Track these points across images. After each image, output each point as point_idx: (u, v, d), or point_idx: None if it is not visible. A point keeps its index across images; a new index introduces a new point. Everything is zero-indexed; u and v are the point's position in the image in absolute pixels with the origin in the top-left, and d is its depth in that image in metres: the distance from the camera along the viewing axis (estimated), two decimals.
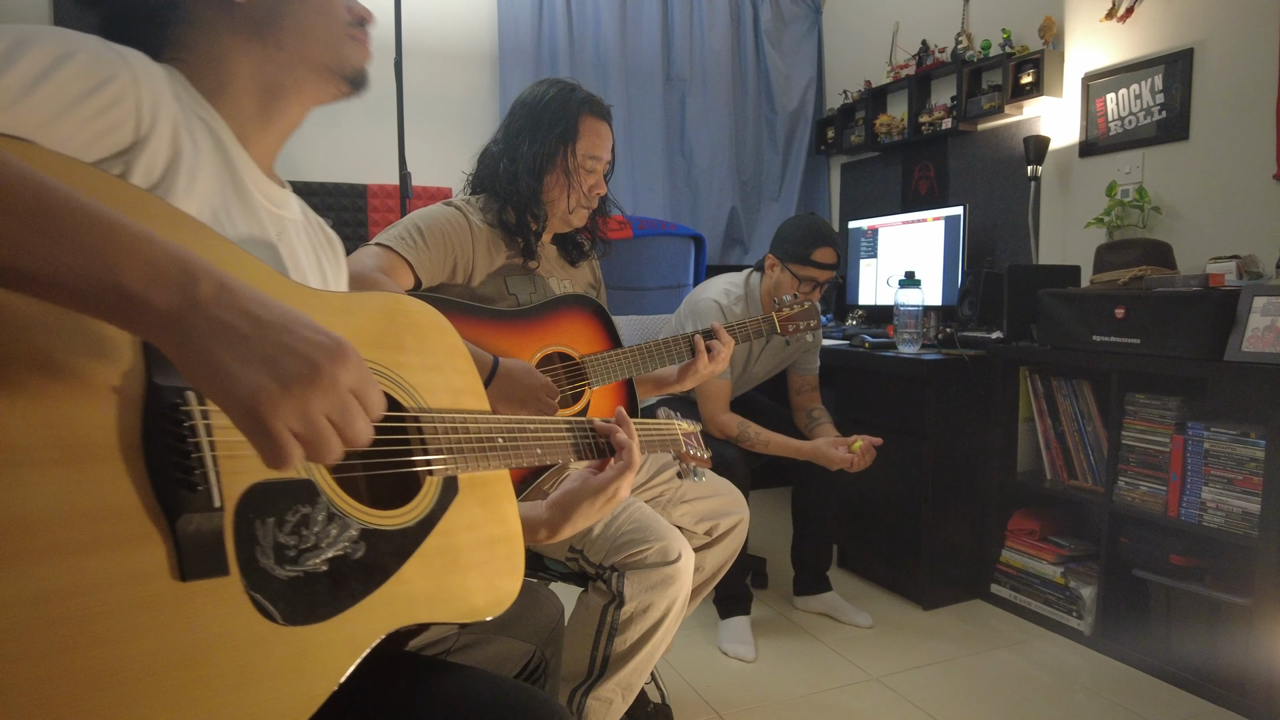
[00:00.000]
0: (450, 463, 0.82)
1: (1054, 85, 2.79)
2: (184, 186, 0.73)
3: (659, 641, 1.43)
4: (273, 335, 0.55)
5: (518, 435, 0.92)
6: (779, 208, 4.04)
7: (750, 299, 2.35)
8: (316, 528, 0.68)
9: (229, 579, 0.60)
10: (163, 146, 0.71)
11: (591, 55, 3.65)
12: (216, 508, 0.60)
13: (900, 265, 3.14)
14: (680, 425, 1.23)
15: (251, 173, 0.85)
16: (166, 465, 0.58)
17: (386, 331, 0.81)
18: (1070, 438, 2.42)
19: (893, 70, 3.60)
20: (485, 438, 0.87)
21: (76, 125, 0.64)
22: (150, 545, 0.56)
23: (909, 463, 2.55)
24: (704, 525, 1.73)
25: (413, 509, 0.78)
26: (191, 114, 0.78)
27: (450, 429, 0.84)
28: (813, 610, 2.51)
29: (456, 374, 0.89)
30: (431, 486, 0.81)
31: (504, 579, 0.85)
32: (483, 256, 1.55)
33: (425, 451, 0.81)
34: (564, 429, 1.00)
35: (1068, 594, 2.34)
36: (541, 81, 1.64)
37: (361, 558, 0.71)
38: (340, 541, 0.69)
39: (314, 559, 0.67)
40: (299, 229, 0.93)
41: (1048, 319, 2.36)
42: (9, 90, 0.60)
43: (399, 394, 0.80)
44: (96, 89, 0.66)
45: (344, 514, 0.71)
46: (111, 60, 0.68)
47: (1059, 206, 2.87)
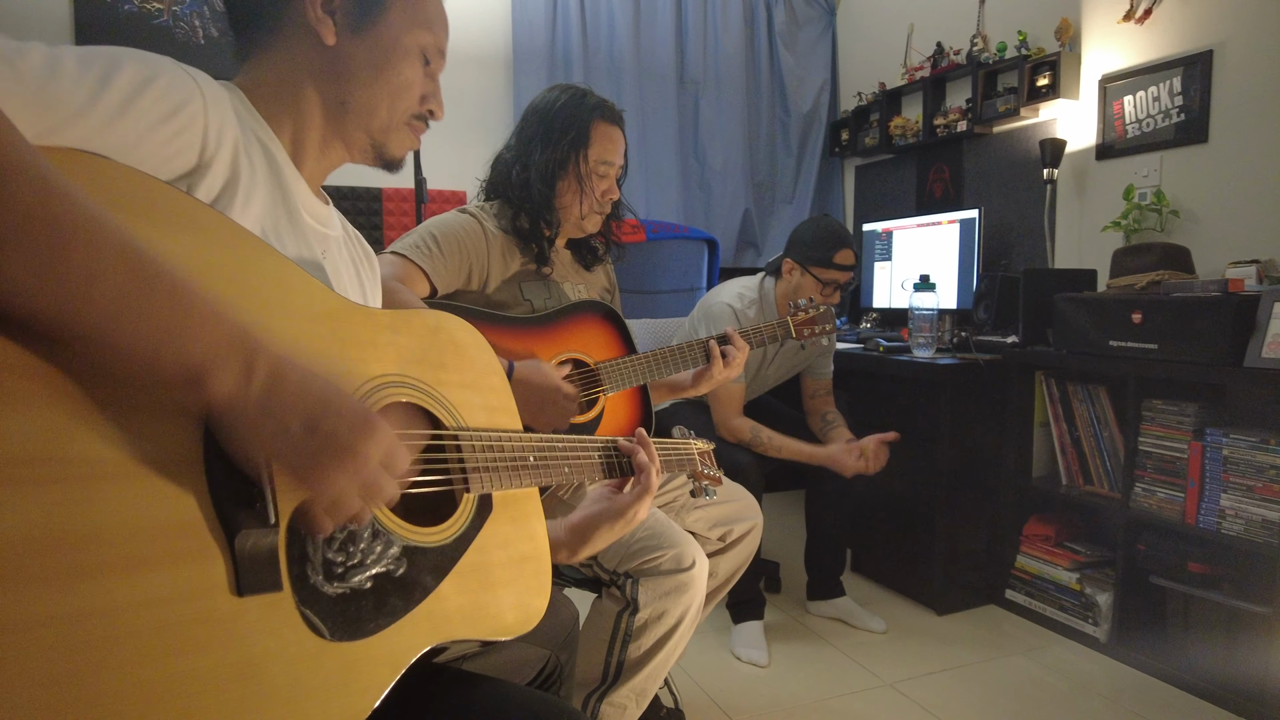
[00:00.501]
0: (487, 481, 0.84)
1: (1070, 87, 2.77)
2: (240, 207, 0.76)
3: (673, 648, 1.43)
4: (316, 425, 0.60)
5: (548, 454, 0.94)
6: (793, 210, 4.03)
7: (765, 303, 2.35)
8: (362, 544, 0.70)
9: (282, 595, 0.61)
10: (223, 169, 0.74)
11: (605, 58, 3.66)
12: (272, 524, 0.61)
13: (915, 268, 3.13)
14: (695, 444, 1.24)
15: (302, 194, 0.87)
16: (226, 482, 0.59)
17: (430, 349, 0.83)
18: (1086, 443, 2.40)
19: (907, 72, 3.59)
20: (519, 456, 0.89)
21: (156, 147, 0.67)
22: (211, 560, 0.57)
23: (923, 467, 2.54)
24: (718, 531, 1.73)
25: (450, 526, 0.80)
26: (250, 134, 0.81)
27: (487, 447, 0.85)
28: (826, 615, 2.51)
29: (492, 392, 0.90)
30: (468, 504, 0.83)
31: (533, 597, 0.86)
32: (497, 263, 1.56)
33: (463, 470, 0.82)
34: (590, 448, 1.02)
35: (1083, 600, 2.33)
36: (553, 87, 1.64)
37: (403, 575, 0.72)
38: (384, 559, 0.71)
39: (360, 575, 0.68)
40: (339, 245, 0.95)
41: (1064, 323, 2.35)
42: (107, 110, 0.62)
43: (440, 412, 0.82)
44: (174, 113, 0.68)
45: (388, 531, 0.73)
46: (186, 84, 0.71)
47: (1075, 210, 2.85)
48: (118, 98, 0.63)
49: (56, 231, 0.49)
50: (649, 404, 1.66)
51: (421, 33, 0.90)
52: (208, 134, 0.72)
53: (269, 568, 0.61)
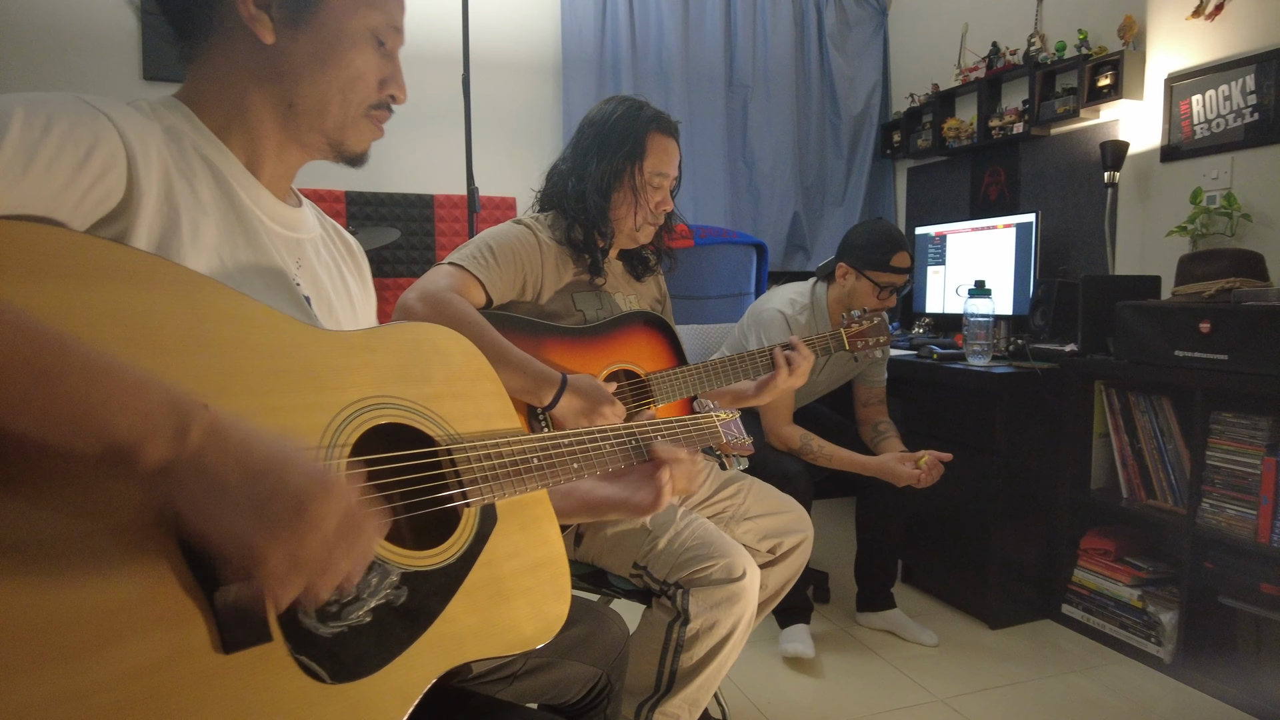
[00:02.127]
0: (487, 491, 0.81)
1: (1134, 87, 2.68)
2: (188, 242, 0.72)
3: (725, 658, 1.42)
4: (260, 483, 0.55)
5: (552, 453, 0.90)
6: (843, 213, 3.98)
7: (817, 309, 2.32)
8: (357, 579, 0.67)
9: (273, 645, 0.59)
10: (158, 204, 0.70)
11: (654, 63, 3.66)
12: None
13: (968, 273, 3.07)
14: (717, 415, 1.20)
15: (264, 203, 0.84)
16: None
17: (411, 364, 0.80)
18: (1149, 456, 2.33)
19: (961, 73, 3.52)
20: (519, 460, 0.86)
21: (75, 199, 0.63)
22: (189, 623, 0.55)
23: (977, 477, 2.48)
24: (767, 543, 1.72)
25: (452, 544, 0.77)
26: (190, 152, 0.77)
27: (484, 455, 0.82)
28: (876, 627, 2.47)
29: (485, 398, 0.87)
30: (470, 518, 0.80)
31: (551, 604, 0.84)
32: (551, 273, 1.57)
33: (460, 483, 0.79)
34: (599, 438, 0.97)
35: (1146, 619, 2.25)
36: (609, 99, 1.65)
37: (405, 603, 0.70)
38: (382, 589, 0.69)
39: (357, 611, 0.66)
40: (317, 245, 0.92)
41: (1126, 332, 2.27)
42: (7, 171, 0.58)
43: (428, 427, 0.79)
44: (88, 156, 0.64)
45: (383, 560, 0.70)
46: (91, 121, 0.66)
47: (1137, 214, 2.76)
48: (16, 151, 0.59)
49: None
50: None
51: (369, 13, 0.82)
52: (133, 169, 0.67)
53: (254, 619, 0.58)
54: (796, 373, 1.67)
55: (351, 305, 0.97)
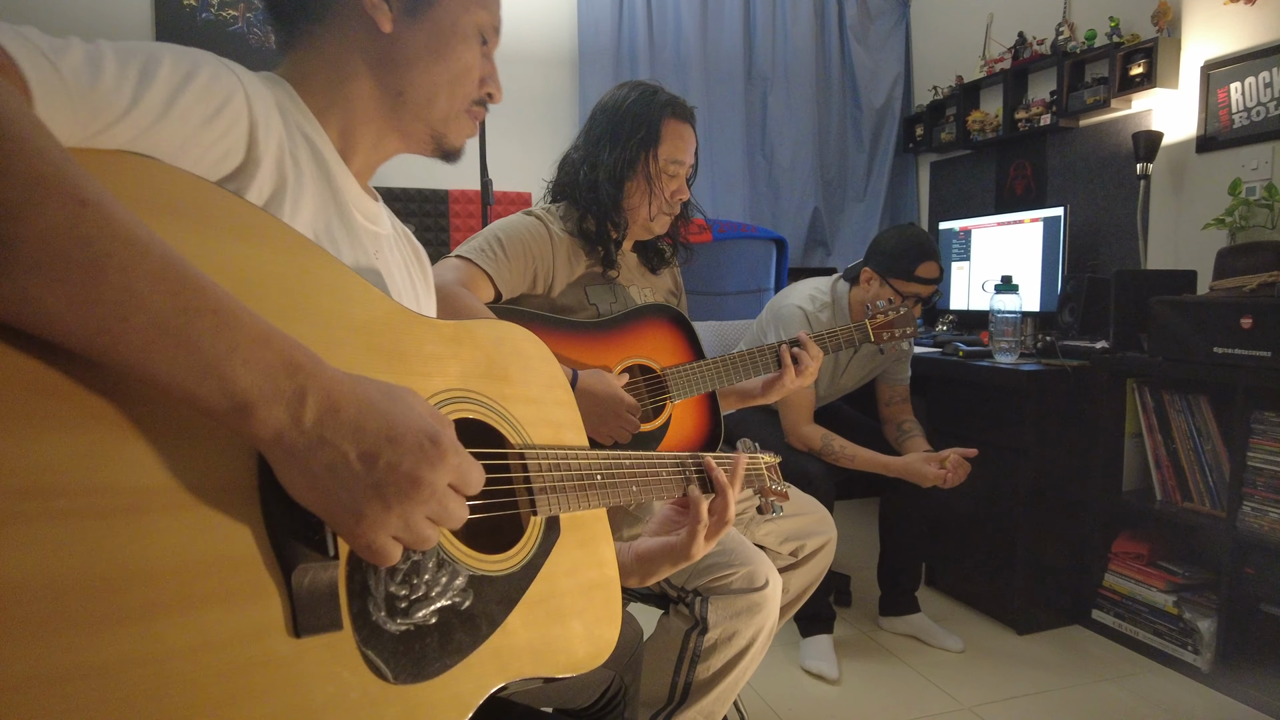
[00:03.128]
0: (554, 502, 0.79)
1: (1168, 76, 2.59)
2: (289, 211, 0.72)
3: (744, 670, 1.36)
4: (374, 462, 0.54)
5: (615, 472, 0.88)
6: (864, 208, 3.91)
7: (838, 306, 2.25)
8: (427, 575, 0.65)
9: (342, 634, 0.57)
10: (270, 169, 0.70)
11: (672, 55, 3.60)
12: (332, 557, 0.56)
13: (994, 269, 2.99)
14: (763, 459, 1.18)
15: (352, 191, 0.83)
16: (282, 511, 0.54)
17: (494, 361, 0.79)
18: (1184, 456, 2.24)
19: (986, 64, 3.44)
20: (585, 475, 0.83)
21: (202, 149, 0.63)
22: (266, 599, 0.53)
23: (1005, 477, 2.41)
24: (789, 546, 1.66)
25: (518, 552, 0.74)
26: (295, 130, 0.77)
27: (554, 465, 0.80)
28: (899, 632, 2.40)
29: (557, 406, 0.85)
30: (535, 528, 0.77)
31: (604, 627, 0.81)
32: (563, 266, 1.52)
33: (530, 491, 0.77)
34: (660, 465, 0.96)
35: (1182, 626, 2.17)
36: (622, 85, 1.59)
37: (469, 608, 0.67)
38: (450, 590, 0.66)
39: (424, 610, 0.63)
40: (390, 244, 0.91)
41: (1160, 328, 2.19)
42: (150, 111, 0.58)
43: (505, 428, 0.77)
44: (219, 111, 0.64)
45: (453, 560, 0.68)
46: (227, 79, 0.66)
47: (1171, 207, 2.67)
48: (160, 97, 0.59)
49: (88, 253, 0.44)
50: (718, 412, 1.60)
51: (479, 10, 0.84)
52: (255, 131, 0.68)
53: (329, 605, 0.56)
54: (804, 373, 1.60)
55: (419, 305, 0.96)
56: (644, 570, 0.96)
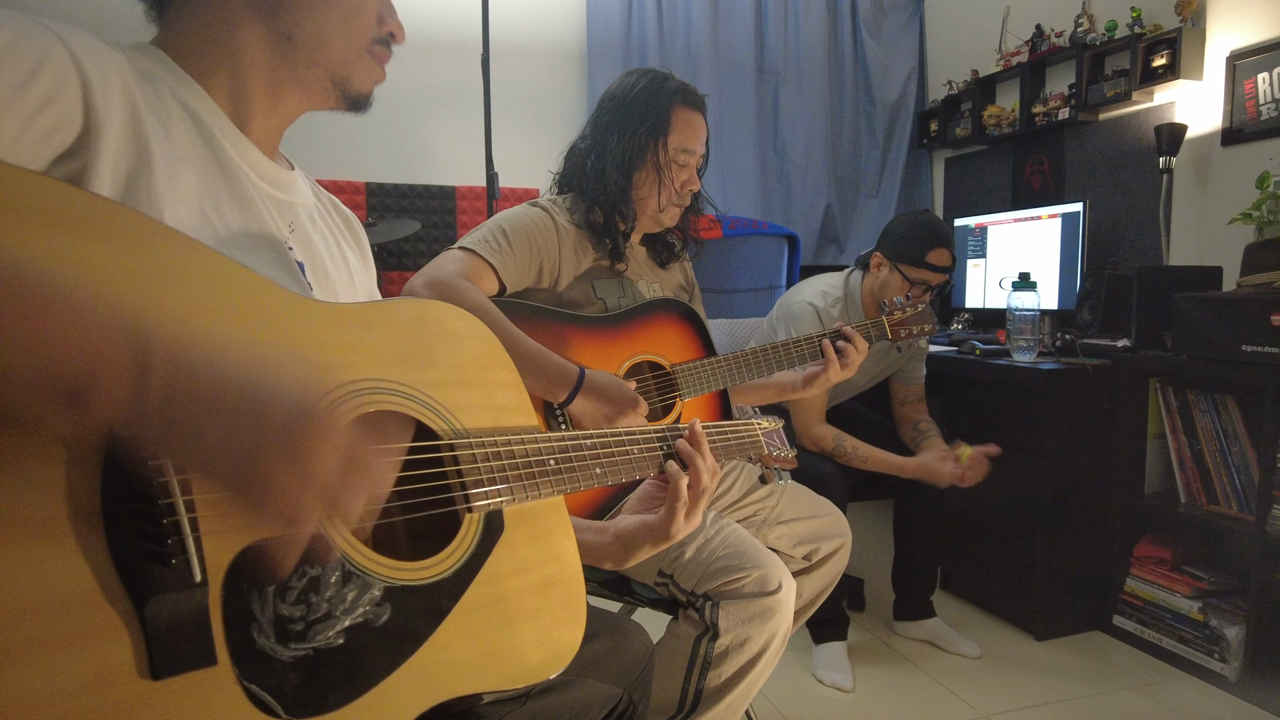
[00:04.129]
0: (494, 495, 0.71)
1: (1193, 67, 2.53)
2: (164, 185, 0.64)
3: (756, 677, 1.31)
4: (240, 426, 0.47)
5: (572, 454, 0.80)
6: (878, 205, 3.85)
7: (850, 301, 2.20)
8: (329, 592, 0.57)
9: (217, 669, 0.50)
10: (122, 141, 0.61)
11: (682, 49, 3.55)
12: (198, 583, 0.49)
13: (1010, 265, 2.93)
14: (760, 424, 1.10)
15: (252, 159, 0.76)
16: (131, 535, 0.47)
17: (413, 346, 0.71)
18: (1210, 458, 2.17)
19: (1003, 58, 3.37)
20: (535, 461, 0.75)
21: (18, 128, 0.54)
22: (113, 638, 0.46)
23: (1023, 479, 2.35)
24: (802, 549, 1.60)
25: (448, 556, 0.67)
26: (167, 97, 0.69)
27: (492, 454, 0.72)
28: (914, 637, 2.34)
29: (498, 388, 0.78)
30: (471, 526, 0.70)
31: (562, 629, 0.74)
32: (569, 259, 1.47)
33: (464, 485, 0.69)
34: (626, 441, 0.87)
35: (1208, 633, 2.10)
36: (631, 72, 1.54)
37: (386, 623, 0.60)
38: (359, 606, 0.59)
39: (327, 631, 0.56)
40: (313, 213, 0.84)
41: (1185, 326, 2.13)
42: None
43: (430, 418, 0.70)
44: (32, 74, 0.55)
45: (363, 571, 0.60)
46: (38, 37, 0.57)
47: (1195, 201, 2.60)
48: None
49: None
50: (729, 411, 1.55)
51: None
52: (89, 94, 0.58)
53: (196, 638, 0.49)
54: (849, 366, 1.55)
55: (351, 278, 0.89)
56: (622, 552, 0.90)
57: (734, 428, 1.06)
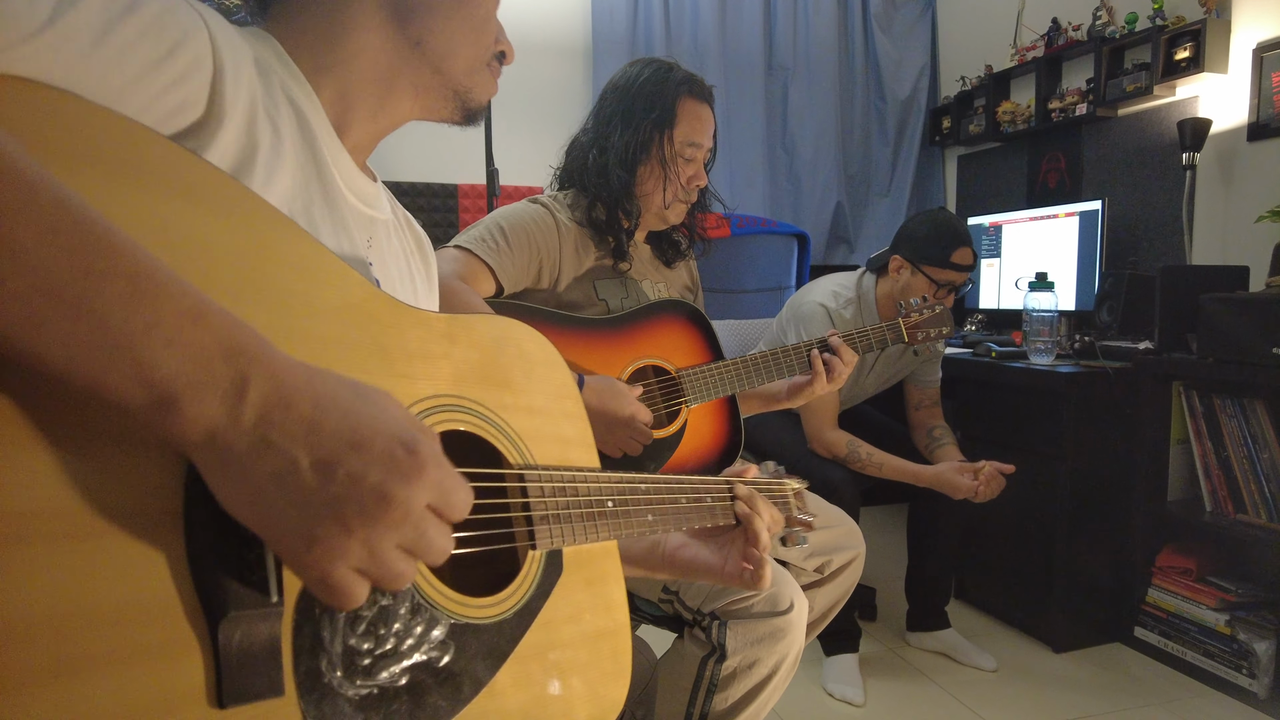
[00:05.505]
0: (557, 534, 0.67)
1: (1217, 60, 2.44)
2: (260, 183, 0.60)
3: (765, 700, 1.24)
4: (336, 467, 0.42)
5: (629, 498, 0.76)
6: (889, 204, 3.78)
7: (864, 303, 2.12)
8: (397, 624, 0.53)
9: (283, 701, 0.45)
10: (237, 131, 0.58)
11: (689, 45, 3.49)
12: (274, 603, 0.45)
13: (1026, 265, 2.85)
14: (789, 485, 1.07)
15: (344, 168, 0.72)
16: (211, 543, 0.43)
17: (494, 364, 0.67)
18: (1238, 464, 2.09)
19: (1018, 53, 3.29)
20: (595, 501, 0.71)
21: (149, 98, 0.51)
22: (185, 657, 0.41)
23: (1041, 486, 2.27)
24: (814, 562, 1.53)
25: (512, 594, 0.62)
26: (277, 91, 0.65)
27: (558, 489, 0.68)
28: (928, 649, 2.27)
29: (565, 420, 0.73)
30: (534, 564, 0.65)
31: (610, 685, 0.69)
32: (570, 258, 1.40)
33: (530, 520, 0.65)
34: (680, 492, 0.84)
35: (1236, 647, 2.02)
36: (635, 62, 1.48)
37: (448, 664, 0.55)
38: (425, 643, 0.54)
39: (392, 667, 0.51)
40: (389, 230, 0.80)
41: (1211, 327, 2.05)
42: (73, 36, 0.45)
43: (502, 444, 0.65)
44: (172, 52, 0.52)
45: (432, 604, 0.55)
46: (185, 14, 0.55)
47: (1220, 198, 2.52)
48: (89, 21, 0.46)
49: None
50: (738, 418, 1.48)
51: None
52: (219, 81, 0.56)
53: (266, 665, 0.44)
54: (836, 379, 1.47)
55: (415, 296, 0.85)
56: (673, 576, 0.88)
57: (768, 485, 1.04)
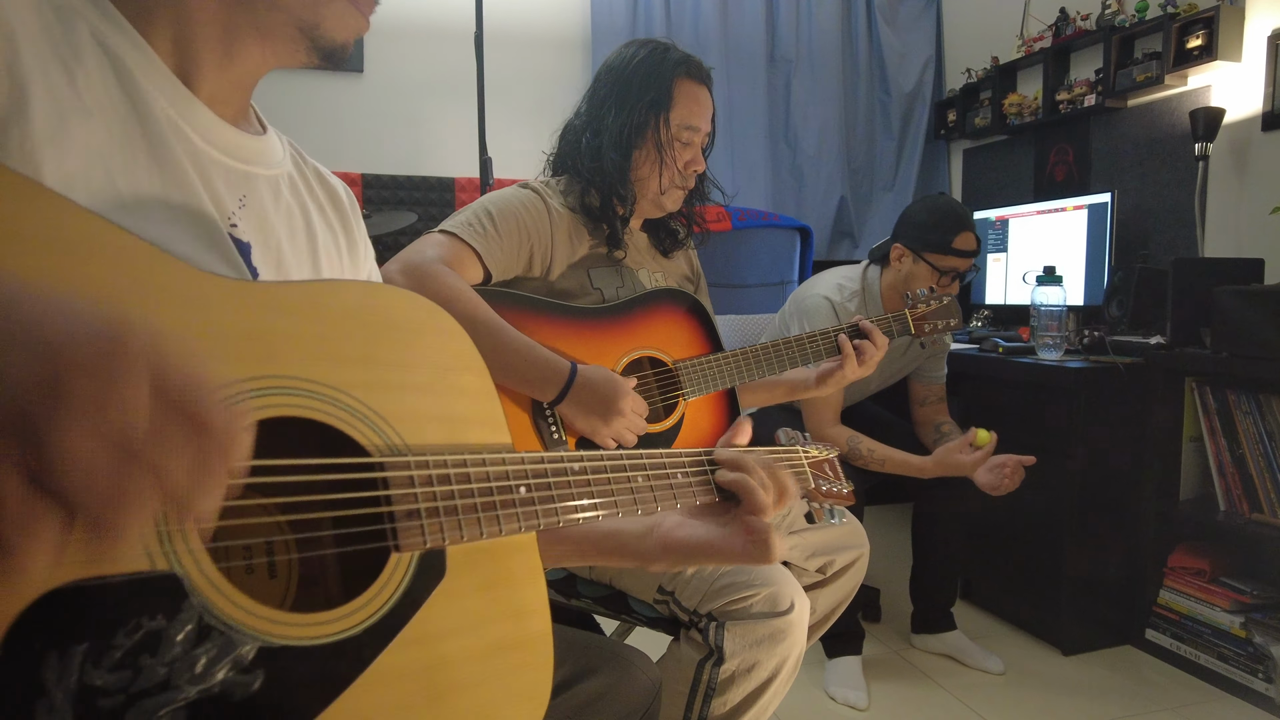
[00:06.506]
0: (433, 529, 0.56)
1: (1231, 48, 2.39)
2: (45, 134, 0.53)
3: (766, 705, 1.19)
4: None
5: (552, 481, 0.64)
6: (893, 198, 3.72)
7: (868, 295, 2.07)
8: (174, 651, 0.43)
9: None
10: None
11: (690, 36, 3.44)
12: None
13: (1033, 259, 2.80)
14: (808, 451, 0.95)
15: (197, 118, 0.64)
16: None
17: (348, 337, 0.57)
18: (1253, 462, 2.03)
19: (1024, 44, 3.24)
20: (498, 488, 0.60)
21: None
22: None
23: (1050, 484, 2.21)
24: (816, 561, 1.48)
25: (362, 606, 0.52)
26: (83, 36, 0.58)
27: (439, 477, 0.58)
28: (934, 651, 2.22)
29: (459, 395, 0.63)
30: (398, 568, 0.55)
31: (516, 706, 0.58)
32: (563, 245, 1.35)
33: (392, 515, 0.55)
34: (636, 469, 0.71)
35: (1251, 651, 1.97)
36: (630, 43, 1.42)
37: (253, 696, 0.45)
38: (216, 669, 0.44)
39: (158, 709, 0.41)
40: (278, 186, 0.72)
41: (1226, 322, 1.99)
42: None
43: (357, 429, 0.55)
44: None
45: (229, 623, 0.45)
46: None
47: (1233, 190, 2.46)
48: None
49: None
50: (737, 411, 1.42)
51: None
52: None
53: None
54: (867, 363, 1.43)
55: (314, 258, 0.76)
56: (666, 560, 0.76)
57: (775, 455, 0.88)
